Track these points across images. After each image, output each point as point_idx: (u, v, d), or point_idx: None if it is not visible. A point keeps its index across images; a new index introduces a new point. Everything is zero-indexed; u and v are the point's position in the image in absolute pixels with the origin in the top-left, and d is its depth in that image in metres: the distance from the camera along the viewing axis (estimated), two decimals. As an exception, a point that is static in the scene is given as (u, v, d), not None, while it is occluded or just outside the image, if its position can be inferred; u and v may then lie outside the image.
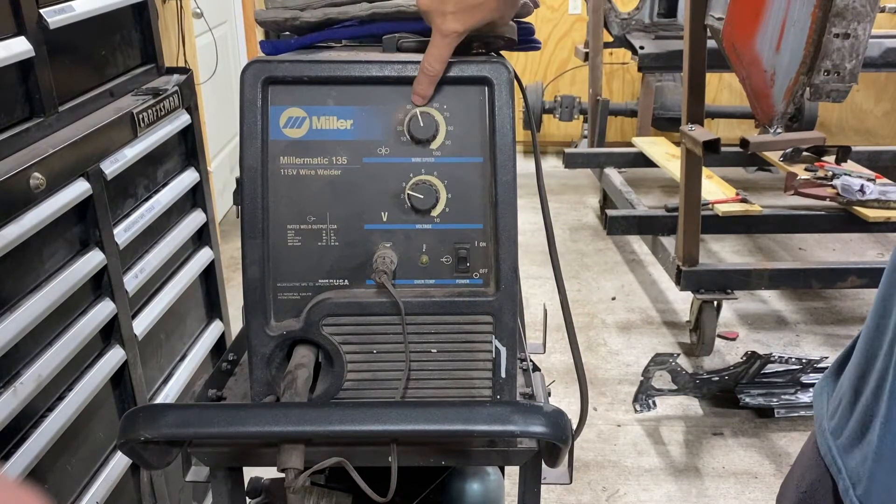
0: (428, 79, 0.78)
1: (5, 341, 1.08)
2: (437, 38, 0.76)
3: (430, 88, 0.78)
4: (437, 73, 0.77)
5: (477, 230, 0.81)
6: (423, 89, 0.78)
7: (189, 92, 1.70)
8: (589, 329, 2.96)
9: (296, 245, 0.81)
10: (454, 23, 0.75)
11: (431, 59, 0.77)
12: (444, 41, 0.76)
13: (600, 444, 2.33)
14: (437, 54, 0.77)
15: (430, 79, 0.78)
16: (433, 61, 0.77)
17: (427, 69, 0.77)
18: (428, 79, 0.78)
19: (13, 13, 1.19)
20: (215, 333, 1.85)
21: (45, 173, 1.17)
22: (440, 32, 0.76)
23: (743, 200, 2.94)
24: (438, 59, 0.77)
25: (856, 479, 0.68)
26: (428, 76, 0.78)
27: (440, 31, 0.76)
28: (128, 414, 0.72)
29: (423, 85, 0.78)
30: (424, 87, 0.78)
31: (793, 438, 2.34)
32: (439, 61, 0.77)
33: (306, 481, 0.74)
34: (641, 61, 3.47)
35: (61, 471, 1.23)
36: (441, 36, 0.76)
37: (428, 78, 0.78)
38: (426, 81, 0.78)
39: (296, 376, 0.79)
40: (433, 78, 0.78)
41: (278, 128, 0.80)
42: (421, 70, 0.78)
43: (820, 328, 2.95)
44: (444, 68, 0.77)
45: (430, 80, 0.78)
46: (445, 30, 0.75)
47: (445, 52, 0.77)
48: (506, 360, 0.83)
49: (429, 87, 0.78)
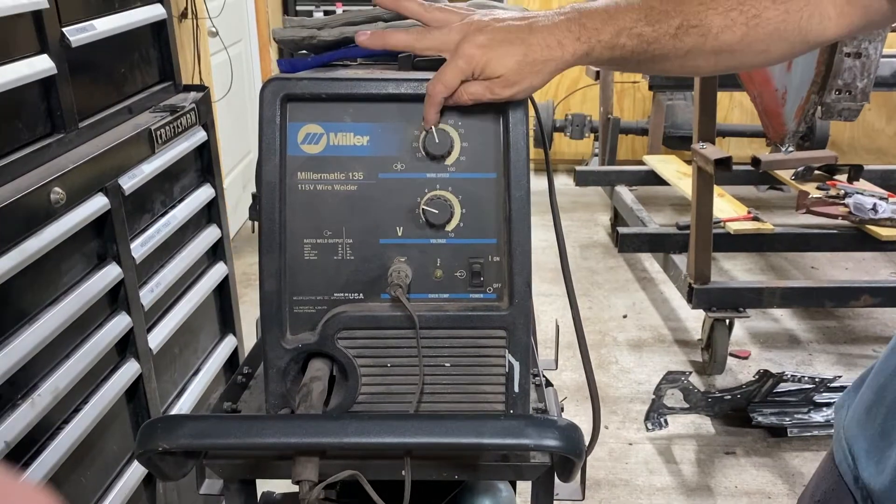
0: (429, 101, 0.78)
1: (24, 353, 1.09)
2: (483, 86, 0.76)
3: (431, 112, 0.79)
4: (436, 95, 0.77)
5: (491, 245, 0.82)
6: (428, 114, 0.79)
7: (205, 109, 1.72)
8: (600, 347, 2.95)
9: (312, 259, 0.82)
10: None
11: (471, 91, 0.77)
12: (485, 94, 0.76)
13: (612, 462, 2.31)
14: (474, 91, 0.77)
15: (432, 101, 0.78)
16: (468, 93, 0.77)
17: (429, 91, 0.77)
18: (429, 101, 0.78)
19: (37, 32, 1.22)
20: (228, 348, 1.86)
21: (65, 188, 1.19)
22: (492, 90, 0.76)
23: (755, 218, 2.94)
24: (472, 95, 0.77)
25: (872, 489, 0.68)
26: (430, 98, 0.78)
27: (493, 89, 0.76)
28: (146, 424, 0.72)
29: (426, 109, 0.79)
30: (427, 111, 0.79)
31: (806, 458, 2.32)
32: (471, 96, 0.77)
33: (320, 494, 0.74)
34: (652, 80, 3.48)
35: (76, 483, 1.24)
36: (488, 89, 0.76)
37: (429, 100, 0.78)
38: (428, 104, 0.78)
39: (311, 389, 0.80)
40: (434, 101, 0.78)
41: (296, 144, 0.81)
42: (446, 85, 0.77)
43: (833, 347, 2.93)
44: (446, 93, 0.77)
45: (432, 103, 0.78)
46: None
47: (478, 95, 0.77)
48: (519, 374, 0.83)
49: (431, 111, 0.79)
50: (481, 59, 0.74)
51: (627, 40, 0.74)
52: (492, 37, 0.75)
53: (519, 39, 0.74)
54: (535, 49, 0.74)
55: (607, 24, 0.74)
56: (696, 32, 0.73)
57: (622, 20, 0.74)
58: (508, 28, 0.75)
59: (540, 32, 0.75)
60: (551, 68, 0.75)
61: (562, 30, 0.75)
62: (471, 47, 0.74)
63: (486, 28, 0.75)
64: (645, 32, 0.74)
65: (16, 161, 1.16)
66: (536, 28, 0.75)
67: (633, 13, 0.74)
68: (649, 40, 0.74)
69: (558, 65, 0.75)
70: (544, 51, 0.74)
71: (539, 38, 0.74)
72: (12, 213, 1.08)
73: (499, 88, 0.76)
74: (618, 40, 0.74)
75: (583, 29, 0.74)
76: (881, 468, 0.69)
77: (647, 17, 0.74)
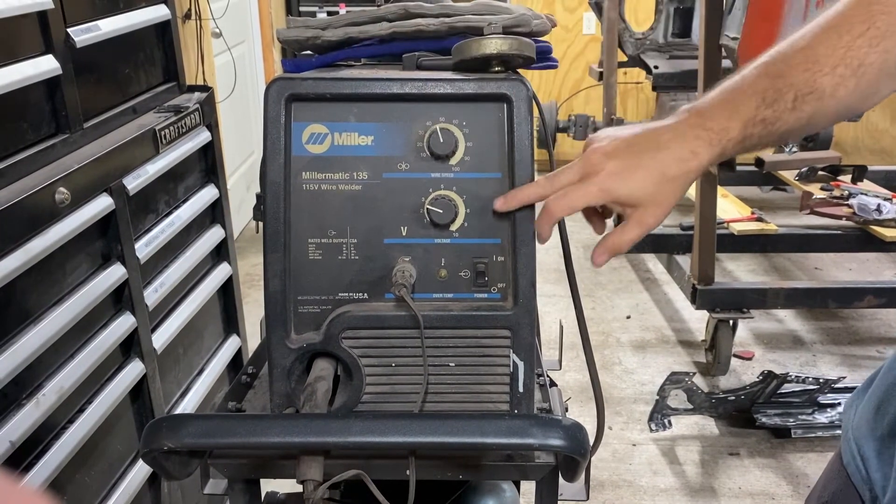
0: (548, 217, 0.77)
1: (28, 353, 1.10)
2: (635, 226, 0.76)
3: (546, 228, 0.79)
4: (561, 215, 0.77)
5: (495, 245, 0.82)
6: (602, 260, 0.79)
7: (209, 109, 1.73)
8: (604, 348, 2.95)
9: (317, 259, 0.82)
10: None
11: (626, 240, 0.77)
12: (641, 229, 0.76)
13: (615, 463, 2.31)
14: (631, 237, 0.77)
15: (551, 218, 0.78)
16: (626, 242, 0.77)
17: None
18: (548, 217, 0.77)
19: (42, 32, 1.22)
20: (232, 348, 1.86)
21: (69, 188, 1.19)
22: (642, 223, 0.76)
23: (758, 219, 2.93)
24: (631, 241, 0.77)
25: (880, 489, 0.68)
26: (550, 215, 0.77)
27: (642, 221, 0.76)
28: (151, 424, 0.73)
29: (603, 256, 0.79)
30: (603, 258, 0.79)
31: (810, 459, 2.31)
32: (630, 243, 0.77)
33: (324, 493, 0.74)
34: (656, 81, 3.48)
35: (80, 482, 1.25)
36: (639, 224, 0.76)
37: (546, 216, 0.78)
38: (543, 220, 0.78)
39: (315, 389, 0.80)
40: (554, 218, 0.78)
41: (301, 144, 0.81)
42: (612, 244, 0.77)
43: (837, 348, 2.92)
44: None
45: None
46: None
47: (637, 237, 0.77)
48: (523, 374, 0.83)
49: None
50: (617, 187, 0.73)
51: (753, 129, 0.73)
52: (623, 162, 0.73)
53: (652, 160, 0.73)
54: (670, 166, 0.73)
55: (732, 120, 0.72)
56: (812, 98, 0.72)
57: (744, 111, 0.72)
58: (635, 149, 0.73)
59: (670, 147, 0.73)
60: (691, 179, 0.74)
61: (690, 139, 0.73)
62: (604, 177, 0.73)
63: (614, 153, 0.73)
64: (767, 116, 0.72)
65: (21, 161, 1.16)
66: (665, 143, 0.73)
67: (752, 101, 0.72)
68: (772, 121, 0.72)
69: (696, 174, 0.74)
70: (680, 165, 0.73)
71: (671, 153, 0.73)
72: (17, 213, 1.09)
73: (649, 218, 0.75)
74: (746, 132, 0.72)
75: (711, 132, 0.72)
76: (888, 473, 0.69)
77: (763, 100, 0.72)
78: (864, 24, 0.70)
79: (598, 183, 0.73)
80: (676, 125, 0.74)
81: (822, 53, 0.71)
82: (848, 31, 0.71)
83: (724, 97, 0.74)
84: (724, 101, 0.73)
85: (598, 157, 0.74)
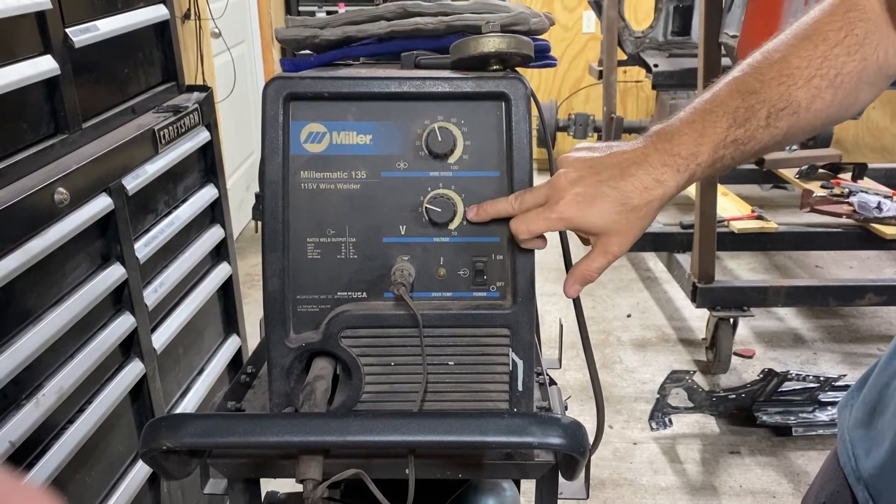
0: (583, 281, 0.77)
1: (28, 353, 1.10)
2: (600, 254, 0.75)
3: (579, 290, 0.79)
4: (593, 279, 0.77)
5: (494, 243, 0.82)
6: (573, 291, 0.78)
7: (209, 109, 1.72)
8: (604, 346, 2.95)
9: (315, 258, 0.82)
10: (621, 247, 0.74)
11: (594, 268, 0.76)
12: (607, 258, 0.75)
13: (616, 461, 2.31)
14: (598, 266, 0.76)
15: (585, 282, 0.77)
16: (594, 271, 0.76)
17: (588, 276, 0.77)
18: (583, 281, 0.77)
19: (40, 32, 1.22)
20: (232, 348, 1.86)
21: (69, 188, 1.19)
22: (607, 252, 0.74)
23: (759, 217, 2.93)
24: (599, 269, 0.76)
25: (876, 491, 0.68)
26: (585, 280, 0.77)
27: (607, 250, 0.74)
28: (150, 423, 0.72)
29: (573, 287, 0.78)
30: (574, 288, 0.78)
31: (811, 457, 2.31)
32: (598, 271, 0.76)
33: (324, 493, 0.74)
34: (655, 79, 3.47)
35: (80, 482, 1.25)
36: (604, 254, 0.74)
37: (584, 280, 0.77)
38: (579, 283, 0.77)
39: (314, 388, 0.80)
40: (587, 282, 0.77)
41: (299, 143, 0.81)
42: (580, 274, 0.77)
43: (837, 346, 2.92)
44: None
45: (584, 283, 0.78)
46: (612, 251, 0.74)
47: (604, 266, 0.76)
48: (523, 372, 0.83)
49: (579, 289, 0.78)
50: (577, 216, 0.72)
51: (724, 150, 0.70)
52: (585, 190, 0.71)
53: (613, 189, 0.71)
54: (632, 196, 0.71)
55: (701, 144, 0.70)
56: (786, 113, 0.70)
57: (714, 134, 0.70)
58: (600, 177, 0.71)
59: (634, 176, 0.71)
60: (655, 207, 0.72)
61: (656, 166, 0.71)
62: (564, 206, 0.72)
63: (578, 180, 0.72)
64: (738, 136, 0.70)
65: (20, 161, 1.16)
66: (629, 172, 0.71)
67: (722, 122, 0.70)
68: (745, 140, 0.70)
69: (662, 202, 0.72)
70: (643, 194, 0.71)
71: (634, 182, 0.71)
72: (16, 213, 1.09)
73: (613, 247, 0.73)
74: (716, 155, 0.70)
75: (678, 158, 0.70)
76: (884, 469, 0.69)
77: (734, 120, 0.70)
78: (841, 32, 0.69)
79: (559, 211, 0.72)
80: (643, 150, 0.72)
81: (797, 66, 0.69)
82: (823, 40, 0.69)
83: (694, 118, 0.71)
84: (693, 123, 0.71)
85: (563, 182, 0.73)
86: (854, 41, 0.68)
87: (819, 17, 0.70)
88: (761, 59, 0.71)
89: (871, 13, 0.68)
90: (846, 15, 0.69)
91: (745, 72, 0.72)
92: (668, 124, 0.72)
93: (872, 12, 0.68)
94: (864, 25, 0.68)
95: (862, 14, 0.68)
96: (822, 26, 0.70)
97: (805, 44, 0.70)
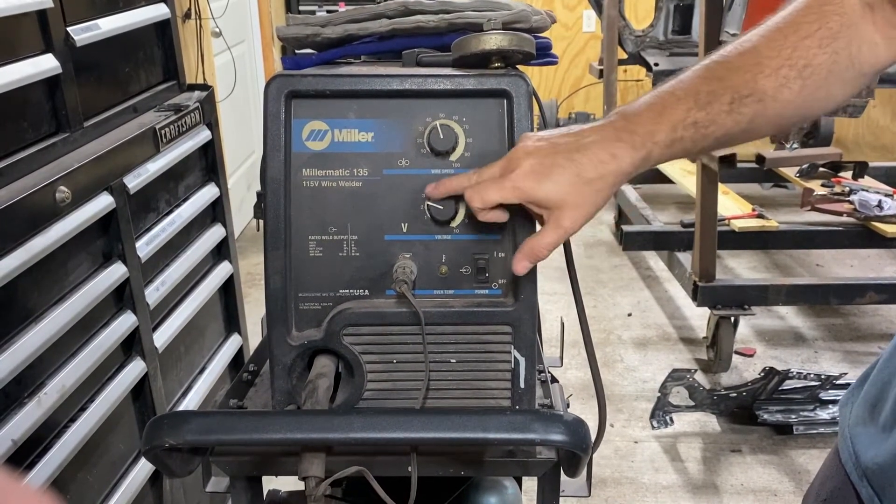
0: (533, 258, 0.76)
1: (30, 352, 1.10)
2: (552, 229, 0.73)
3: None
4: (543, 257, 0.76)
5: (496, 241, 0.82)
6: (522, 267, 0.76)
7: (210, 108, 1.73)
8: (605, 345, 2.95)
9: (317, 256, 0.82)
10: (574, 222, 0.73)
11: (544, 244, 0.74)
12: (558, 233, 0.73)
13: (617, 460, 2.31)
14: (549, 241, 0.74)
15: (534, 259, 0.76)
16: (545, 247, 0.74)
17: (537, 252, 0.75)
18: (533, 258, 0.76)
19: (41, 31, 1.22)
20: (233, 347, 1.86)
21: (70, 187, 1.19)
22: (559, 226, 0.73)
23: (759, 216, 2.93)
24: (549, 245, 0.74)
25: (880, 487, 0.68)
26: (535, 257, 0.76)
27: (559, 225, 0.73)
28: (153, 420, 0.73)
29: (521, 263, 0.76)
30: (523, 265, 0.76)
31: (812, 456, 2.31)
32: (549, 247, 0.74)
33: (326, 490, 0.74)
34: (656, 78, 3.47)
35: (82, 481, 1.25)
36: (556, 228, 0.73)
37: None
38: (528, 259, 0.76)
39: (316, 385, 0.80)
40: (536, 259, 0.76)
41: (301, 140, 0.81)
42: (529, 249, 0.75)
43: (838, 345, 2.92)
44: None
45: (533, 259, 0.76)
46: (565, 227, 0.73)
47: (555, 241, 0.74)
48: (524, 370, 0.83)
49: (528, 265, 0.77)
50: (531, 186, 0.71)
51: (684, 132, 0.70)
52: (539, 160, 0.71)
53: (567, 160, 0.70)
54: (586, 168, 0.70)
55: (659, 123, 0.70)
56: (751, 101, 0.70)
57: (673, 114, 0.70)
58: (555, 149, 0.71)
59: (589, 149, 0.70)
60: (610, 182, 0.71)
61: (612, 141, 0.70)
62: (519, 175, 0.71)
63: (535, 152, 0.71)
64: (699, 119, 0.70)
65: (21, 160, 1.16)
66: (585, 144, 0.70)
67: (682, 104, 0.70)
68: (705, 124, 0.70)
69: (617, 178, 0.71)
70: (598, 167, 0.70)
71: (589, 154, 0.70)
72: (18, 211, 1.09)
73: (566, 221, 0.72)
74: (674, 135, 0.70)
75: (634, 135, 0.70)
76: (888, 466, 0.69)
77: (695, 102, 0.69)
78: (815, 25, 0.68)
79: (513, 180, 0.71)
80: (602, 127, 0.72)
81: (766, 55, 0.69)
82: (795, 31, 0.69)
83: (655, 100, 0.71)
84: (654, 104, 0.71)
85: (519, 154, 0.72)
86: (827, 34, 0.69)
87: (795, 10, 0.70)
88: (731, 49, 0.72)
89: (848, 8, 0.68)
90: (822, 9, 0.69)
91: (714, 60, 0.72)
92: (630, 104, 0.73)
93: (849, 7, 0.68)
94: (838, 20, 0.68)
95: (838, 8, 0.69)
96: (796, 18, 0.70)
97: (776, 34, 0.70)
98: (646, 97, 0.72)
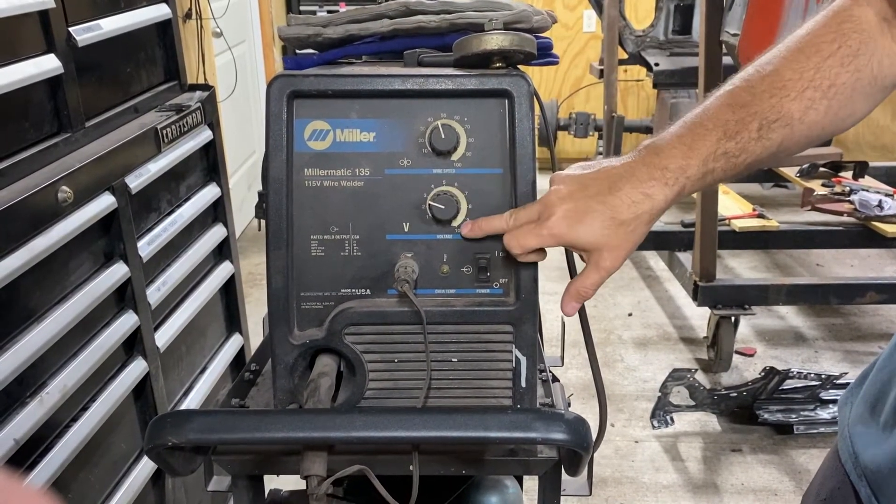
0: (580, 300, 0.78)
1: (32, 352, 1.10)
2: (593, 270, 0.75)
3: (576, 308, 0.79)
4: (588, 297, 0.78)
5: (497, 240, 0.82)
6: (570, 308, 0.79)
7: (211, 108, 1.73)
8: (605, 345, 2.95)
9: (319, 255, 0.82)
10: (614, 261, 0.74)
11: (588, 285, 0.76)
12: (600, 274, 0.75)
13: (618, 460, 2.31)
14: (592, 282, 0.76)
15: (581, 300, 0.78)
16: (589, 287, 0.76)
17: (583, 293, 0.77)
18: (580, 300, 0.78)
19: (43, 31, 1.22)
20: (235, 346, 1.87)
21: (72, 187, 1.19)
22: (600, 267, 0.75)
23: (760, 216, 2.93)
24: (593, 286, 0.76)
25: (878, 486, 0.68)
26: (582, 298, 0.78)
27: (600, 266, 0.75)
28: (155, 419, 0.73)
29: (570, 304, 0.79)
30: (571, 306, 0.79)
31: (812, 455, 2.32)
32: (593, 287, 0.77)
33: (328, 489, 0.74)
34: (656, 78, 3.48)
35: (84, 480, 1.25)
36: (597, 269, 0.75)
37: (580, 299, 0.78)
38: (575, 300, 0.78)
39: (318, 385, 0.80)
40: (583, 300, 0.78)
41: (303, 140, 0.81)
42: (575, 291, 0.77)
43: (839, 344, 2.92)
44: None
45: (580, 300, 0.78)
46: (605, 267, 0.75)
47: (598, 281, 0.76)
48: (526, 369, 0.83)
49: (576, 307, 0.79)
50: (566, 233, 0.72)
51: (715, 164, 0.70)
52: (574, 205, 0.72)
53: (601, 204, 0.71)
54: (620, 210, 0.71)
55: (690, 157, 0.70)
56: (779, 125, 0.69)
57: (703, 147, 0.70)
58: (589, 192, 0.72)
59: (622, 189, 0.71)
60: (645, 221, 0.72)
61: (644, 180, 0.71)
62: (554, 222, 0.72)
63: (568, 196, 0.72)
64: (729, 149, 0.70)
65: (23, 160, 1.17)
66: (618, 186, 0.71)
67: (712, 135, 0.70)
68: (736, 153, 0.70)
69: (651, 216, 0.72)
70: (632, 208, 0.71)
71: (622, 196, 0.71)
72: (20, 211, 1.09)
73: (605, 262, 0.73)
74: (706, 168, 0.70)
75: (666, 171, 0.70)
76: (886, 465, 0.69)
77: (724, 133, 0.69)
78: (835, 44, 0.68)
79: (549, 227, 0.72)
80: (632, 164, 0.72)
81: (789, 78, 0.69)
82: (816, 51, 0.69)
83: (683, 132, 0.71)
84: (683, 137, 0.71)
85: (553, 199, 0.73)
86: (848, 52, 0.68)
87: (812, 29, 0.70)
88: (753, 73, 0.71)
89: (866, 24, 0.68)
90: (840, 26, 0.69)
91: (737, 85, 0.72)
92: (658, 138, 0.73)
93: (867, 23, 0.68)
94: (857, 37, 0.68)
95: (856, 25, 0.68)
96: (815, 38, 0.70)
97: (797, 56, 0.70)
98: (674, 128, 0.72)
